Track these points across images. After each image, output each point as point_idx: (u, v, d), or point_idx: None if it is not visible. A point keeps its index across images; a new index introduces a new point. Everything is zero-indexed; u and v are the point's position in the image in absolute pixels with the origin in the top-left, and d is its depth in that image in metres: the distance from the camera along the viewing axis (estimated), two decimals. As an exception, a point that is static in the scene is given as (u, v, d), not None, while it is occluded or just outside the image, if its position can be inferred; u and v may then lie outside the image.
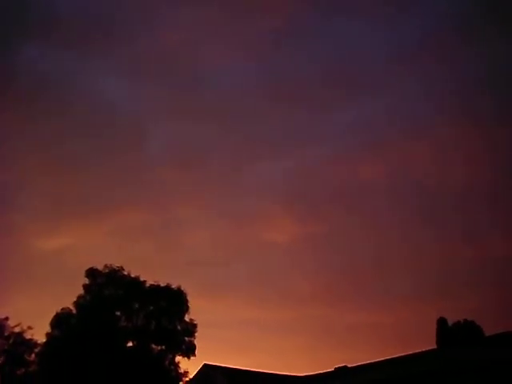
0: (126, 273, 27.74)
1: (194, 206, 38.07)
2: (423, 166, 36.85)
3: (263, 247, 38.30)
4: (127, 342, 27.52)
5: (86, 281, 27.35)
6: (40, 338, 26.62)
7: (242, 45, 36.59)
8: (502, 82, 32.89)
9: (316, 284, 38.63)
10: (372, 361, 16.61)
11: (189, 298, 27.89)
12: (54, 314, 26.45)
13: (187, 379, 26.09)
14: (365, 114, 36.30)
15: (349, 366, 17.33)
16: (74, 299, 26.95)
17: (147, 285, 27.98)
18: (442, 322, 31.31)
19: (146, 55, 36.00)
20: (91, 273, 27.40)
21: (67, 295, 27.40)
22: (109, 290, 27.42)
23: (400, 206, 37.23)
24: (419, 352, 16.06)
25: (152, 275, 28.64)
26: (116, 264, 27.72)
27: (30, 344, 26.75)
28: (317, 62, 36.99)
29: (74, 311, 26.85)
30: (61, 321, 26.39)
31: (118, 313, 27.64)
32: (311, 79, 36.28)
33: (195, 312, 28.23)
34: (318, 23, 36.94)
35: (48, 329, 26.26)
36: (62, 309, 26.72)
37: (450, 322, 31.39)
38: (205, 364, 20.72)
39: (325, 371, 18.17)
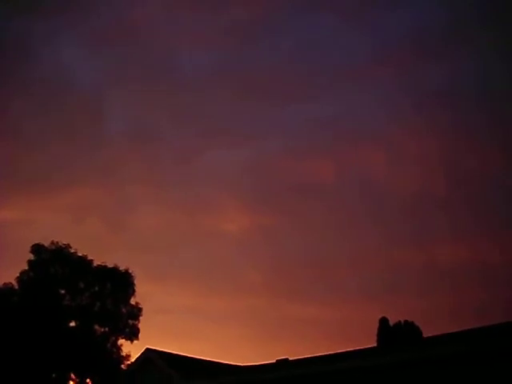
0: (72, 251, 27.32)
1: (147, 188, 37.60)
2: (377, 169, 37.47)
3: (214, 236, 38.23)
4: (70, 322, 27.14)
5: (31, 257, 26.82)
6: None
7: (209, 32, 36.19)
8: (463, 96, 33.83)
9: (264, 276, 38.90)
10: (313, 355, 16.87)
11: (136, 281, 27.74)
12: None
13: (129, 362, 25.96)
14: (324, 113, 36.56)
15: (290, 358, 17.53)
16: (18, 275, 26.40)
17: (94, 265, 27.63)
18: (383, 322, 32.18)
19: (110, 30, 35.07)
20: (37, 249, 26.86)
21: (11, 270, 26.81)
22: (54, 267, 26.94)
23: (351, 205, 37.79)
24: (360, 349, 16.41)
25: (100, 255, 28.34)
26: (63, 241, 27.28)
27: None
28: (282, 56, 36.99)
29: (17, 287, 26.26)
30: (2, 296, 25.76)
31: (63, 291, 27.22)
32: (274, 73, 36.27)
33: (142, 296, 28.12)
34: (289, 18, 36.90)
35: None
36: (4, 284, 26.14)
37: (391, 322, 32.31)
38: (147, 348, 20.56)
39: (266, 362, 18.34)
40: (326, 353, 16.57)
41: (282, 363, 17.17)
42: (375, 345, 28.44)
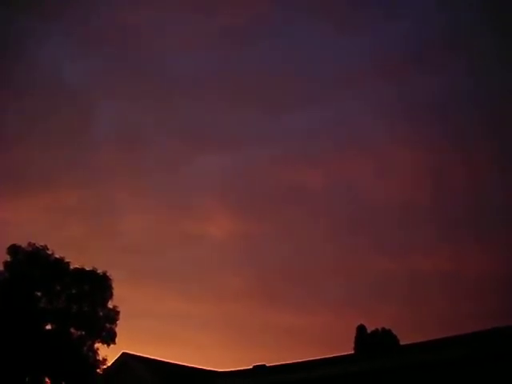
0: (50, 252, 27.02)
1: (131, 192, 37.39)
2: (363, 178, 37.81)
3: (197, 241, 38.13)
4: (46, 325, 26.80)
5: (8, 258, 26.47)
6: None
7: (199, 37, 36.14)
8: (452, 107, 34.27)
9: (246, 282, 38.90)
10: (291, 361, 16.89)
11: (115, 285, 27.53)
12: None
13: (105, 366, 25.68)
14: (312, 121, 36.75)
15: (267, 365, 17.52)
16: (-7, 276, 26.03)
17: (71, 267, 27.35)
18: (361, 329, 32.39)
19: (99, 34, 34.89)
20: (13, 250, 26.51)
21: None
22: (31, 268, 26.58)
23: (334, 214, 38.05)
24: (337, 356, 16.48)
25: (80, 258, 28.10)
26: (41, 243, 26.98)
27: None
28: (272, 64, 37.09)
29: (-8, 288, 25.88)
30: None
31: (39, 293, 26.88)
32: (263, 80, 36.38)
33: (120, 299, 27.91)
34: (280, 24, 37.01)
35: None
36: (-21, 285, 25.74)
37: (368, 330, 32.52)
38: (123, 352, 20.38)
39: (243, 368, 18.30)
40: (303, 359, 16.62)
41: (259, 369, 17.15)
42: (352, 352, 28.57)
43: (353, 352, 28.50)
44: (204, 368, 21.34)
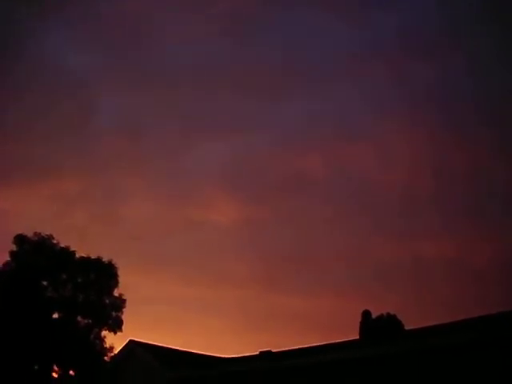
0: (55, 242, 27.12)
1: (133, 179, 37.52)
2: (365, 165, 37.82)
3: (201, 228, 38.31)
4: (53, 313, 26.97)
5: (14, 247, 26.58)
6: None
7: (198, 28, 35.97)
8: (451, 94, 34.15)
9: (250, 268, 39.10)
10: (296, 347, 17.00)
11: (121, 272, 27.66)
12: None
13: (112, 354, 25.88)
14: (313, 108, 36.73)
15: (273, 350, 17.63)
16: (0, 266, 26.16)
17: (77, 256, 27.47)
18: (366, 314, 32.51)
19: (100, 25, 34.83)
20: (19, 239, 26.60)
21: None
22: (37, 258, 26.71)
23: (338, 200, 38.08)
24: (342, 341, 16.58)
25: (86, 246, 28.20)
26: (47, 232, 27.07)
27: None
28: (271, 53, 36.96)
29: (-1, 278, 26.03)
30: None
31: (45, 283, 27.02)
32: (263, 69, 36.30)
33: (127, 287, 28.04)
34: (279, 12, 36.80)
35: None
36: (-14, 275, 25.88)
37: (374, 315, 32.66)
38: (130, 340, 20.56)
39: (249, 354, 18.43)
40: (309, 345, 16.73)
41: (265, 355, 17.27)
42: (358, 337, 28.69)
43: (358, 337, 28.65)
44: (210, 354, 21.52)
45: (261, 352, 17.72)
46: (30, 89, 34.23)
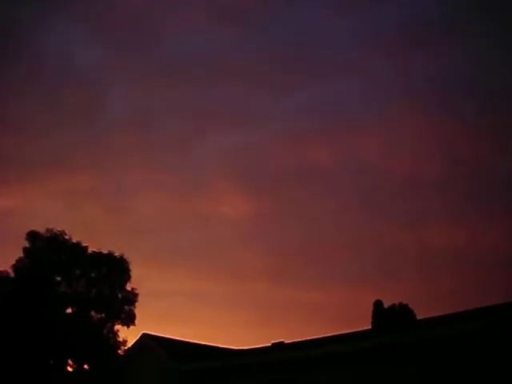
0: (67, 237, 27.34)
1: (143, 173, 37.54)
2: (373, 154, 37.61)
3: (212, 220, 38.35)
4: (66, 308, 27.23)
5: (27, 244, 26.83)
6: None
7: (208, 19, 35.76)
8: (455, 83, 33.89)
9: (261, 260, 39.18)
10: (308, 338, 17.05)
11: (133, 266, 27.87)
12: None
13: (125, 348, 26.11)
14: (320, 99, 36.61)
15: (285, 341, 17.71)
16: (13, 262, 26.42)
17: (89, 251, 27.69)
18: (378, 304, 32.53)
19: (110, 16, 34.69)
20: (32, 236, 26.85)
21: (7, 258, 26.82)
22: (49, 254, 26.95)
23: (347, 190, 37.95)
24: (354, 332, 16.60)
25: (97, 241, 28.40)
26: (59, 228, 27.30)
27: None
28: (277, 43, 36.78)
29: (12, 275, 26.29)
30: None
31: (58, 278, 27.27)
32: (271, 59, 36.11)
33: (139, 280, 28.25)
34: (281, 5, 36.62)
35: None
36: (0, 272, 26.13)
37: (385, 305, 32.67)
38: (143, 333, 20.70)
39: (261, 346, 18.51)
40: (321, 335, 16.77)
41: (278, 346, 17.34)
42: (370, 327, 28.72)
43: (370, 327, 28.67)
44: (223, 346, 21.62)
45: (273, 343, 17.81)
46: (39, 84, 34.24)
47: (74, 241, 27.55)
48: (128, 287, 27.63)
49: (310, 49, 36.29)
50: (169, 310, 35.04)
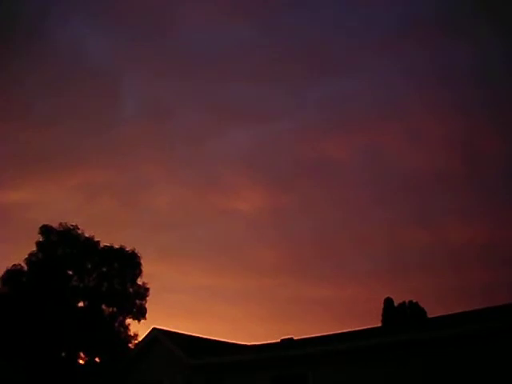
0: (80, 232, 27.53)
1: (159, 168, 37.59)
2: (391, 148, 37.23)
3: (226, 215, 38.32)
4: (78, 302, 27.44)
5: (40, 238, 27.05)
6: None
7: (224, 11, 35.54)
8: (486, 74, 33.20)
9: (275, 256, 39.10)
10: (318, 334, 17.09)
11: (146, 260, 28.02)
12: (5, 270, 26.13)
13: (136, 342, 26.28)
14: (340, 90, 36.14)
15: (295, 338, 17.75)
16: (26, 256, 26.65)
17: (101, 245, 27.85)
18: (388, 302, 32.40)
19: (124, 7, 34.53)
20: (45, 230, 27.03)
21: (21, 252, 27.04)
22: (62, 248, 27.16)
23: (363, 185, 37.71)
24: (364, 329, 16.60)
25: (110, 235, 28.60)
26: (72, 222, 27.48)
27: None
28: (292, 37, 36.48)
29: (26, 268, 26.53)
30: (11, 277, 26.04)
31: (71, 272, 27.48)
32: (289, 51, 35.75)
33: (151, 275, 28.38)
34: None
35: (-3, 284, 25.92)
36: (13, 265, 26.37)
37: (396, 302, 32.52)
38: (154, 328, 20.86)
39: (271, 342, 18.57)
40: (331, 332, 16.79)
41: (287, 342, 17.39)
42: (380, 325, 28.65)
43: (380, 325, 28.60)
44: (233, 342, 21.71)
45: (282, 339, 17.86)
46: (55, 78, 34.18)
47: (87, 235, 27.73)
48: (139, 282, 27.80)
49: (333, 37, 35.56)
50: (180, 304, 35.26)
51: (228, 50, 36.01)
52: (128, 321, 27.55)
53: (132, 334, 27.39)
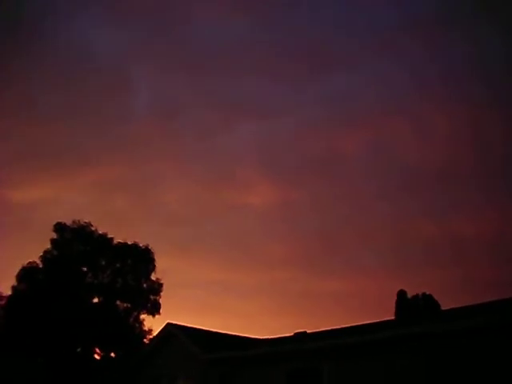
0: (93, 229, 27.76)
1: (171, 163, 37.64)
2: (400, 143, 37.11)
3: (237, 210, 38.41)
4: (93, 298, 27.71)
5: (54, 235, 27.31)
6: (5, 290, 26.61)
7: (234, 7, 35.40)
8: (490, 68, 32.97)
9: (287, 250, 39.15)
10: (331, 328, 17.11)
11: (160, 256, 28.22)
12: (20, 267, 26.42)
13: (151, 336, 26.50)
14: (348, 85, 36.06)
15: (308, 331, 17.80)
16: (41, 253, 26.94)
17: (115, 242, 28.07)
18: (401, 295, 32.34)
19: (134, 3, 34.54)
20: (59, 227, 27.31)
21: (36, 249, 27.34)
22: (76, 245, 27.42)
23: (372, 179, 37.65)
24: (378, 322, 16.61)
25: (124, 231, 28.76)
26: (86, 219, 27.73)
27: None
28: (295, 34, 36.38)
29: (41, 265, 26.82)
30: (27, 274, 26.34)
31: (85, 269, 27.74)
32: (297, 46, 35.68)
33: (165, 270, 28.55)
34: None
35: (14, 282, 26.25)
36: (29, 262, 26.67)
37: (409, 295, 32.45)
38: (168, 323, 21.00)
39: (284, 335, 18.64)
40: (344, 325, 16.81)
41: (301, 336, 17.44)
42: (393, 317, 28.62)
43: (394, 317, 28.57)
44: (246, 336, 21.80)
45: (296, 333, 17.92)
46: (67, 76, 34.20)
47: (101, 232, 27.97)
48: (153, 277, 28.00)
49: (338, 32, 35.42)
50: (194, 299, 35.40)
51: (237, 45, 35.91)
52: (142, 316, 27.84)
53: (146, 329, 27.67)
